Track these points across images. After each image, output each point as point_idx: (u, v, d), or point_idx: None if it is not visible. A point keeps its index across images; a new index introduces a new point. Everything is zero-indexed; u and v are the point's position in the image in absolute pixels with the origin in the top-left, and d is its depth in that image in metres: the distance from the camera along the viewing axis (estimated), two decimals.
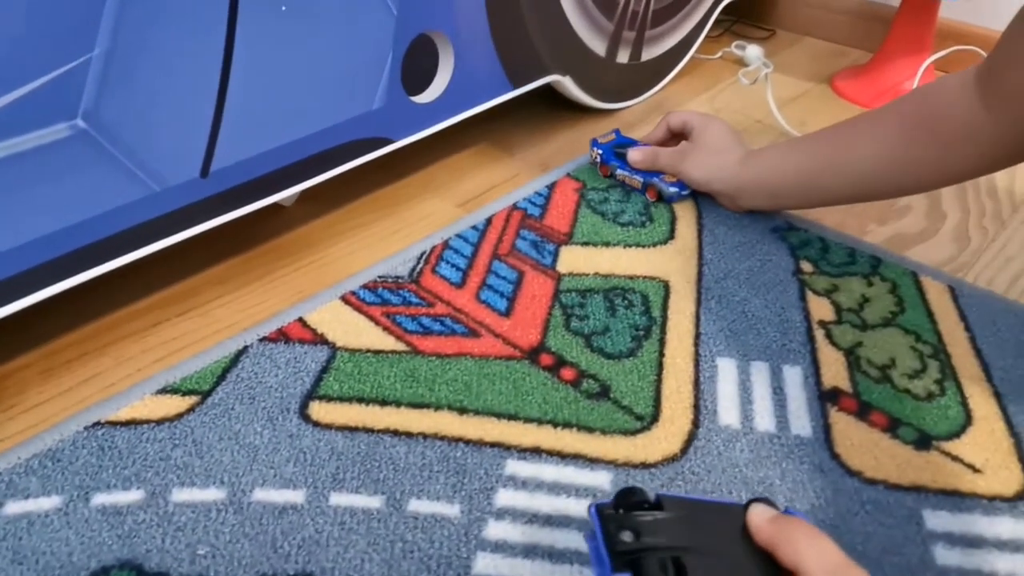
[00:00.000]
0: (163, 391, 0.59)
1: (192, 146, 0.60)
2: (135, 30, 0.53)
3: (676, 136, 0.86)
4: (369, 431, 0.57)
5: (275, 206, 0.81)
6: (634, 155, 0.84)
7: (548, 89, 0.93)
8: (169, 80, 0.57)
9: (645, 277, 0.72)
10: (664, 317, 0.68)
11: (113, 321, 0.69)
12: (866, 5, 1.20)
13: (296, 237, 0.79)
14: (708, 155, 0.80)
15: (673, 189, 0.82)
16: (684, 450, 0.55)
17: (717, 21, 1.16)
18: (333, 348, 0.64)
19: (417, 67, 0.76)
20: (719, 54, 1.19)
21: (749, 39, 1.24)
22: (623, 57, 0.99)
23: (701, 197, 0.84)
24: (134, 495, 0.52)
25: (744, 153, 0.78)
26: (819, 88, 1.11)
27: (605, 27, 0.94)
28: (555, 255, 0.75)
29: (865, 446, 0.56)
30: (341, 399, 0.59)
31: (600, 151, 0.87)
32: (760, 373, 0.62)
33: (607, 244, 0.77)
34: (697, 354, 0.64)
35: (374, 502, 0.51)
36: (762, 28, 1.30)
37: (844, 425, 0.57)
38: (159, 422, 0.57)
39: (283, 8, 0.61)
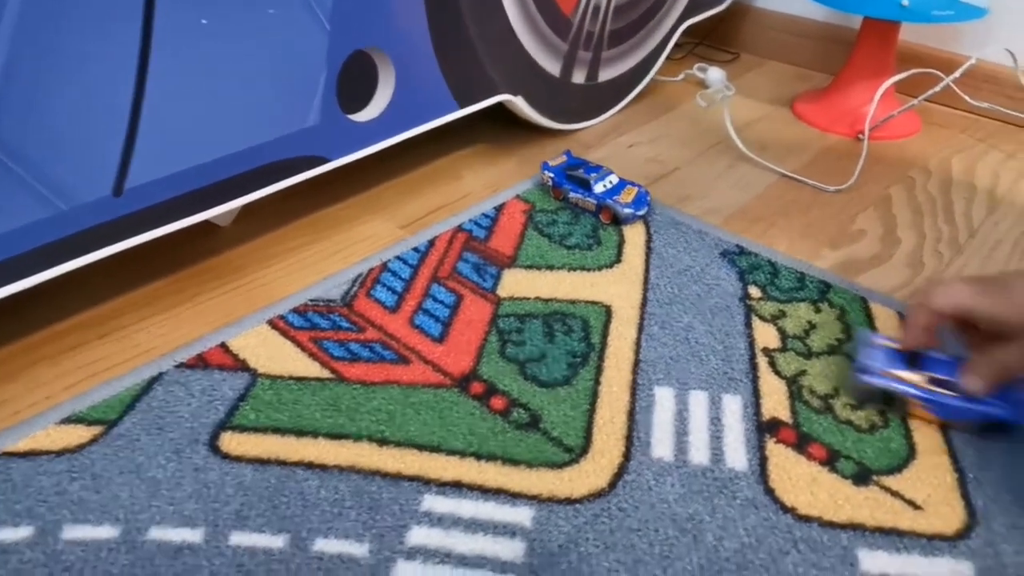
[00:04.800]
0: (68, 420, 0.56)
1: (103, 163, 0.57)
2: (37, 41, 0.51)
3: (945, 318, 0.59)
4: (282, 464, 0.54)
5: (209, 225, 0.78)
6: (972, 382, 0.56)
7: (501, 108, 0.91)
8: (76, 94, 0.54)
9: (587, 302, 0.70)
10: (603, 343, 0.65)
11: (30, 344, 0.65)
12: (829, 28, 1.19)
13: (229, 258, 0.76)
14: None
15: (628, 210, 0.80)
16: (612, 485, 0.53)
17: (680, 43, 1.15)
18: (254, 375, 0.61)
19: (359, 84, 0.74)
20: (681, 76, 1.18)
21: (713, 62, 1.23)
22: (579, 78, 0.98)
23: (652, 218, 0.82)
24: (23, 532, 0.49)
25: None
26: (780, 111, 1.09)
27: (558, 47, 0.92)
28: (497, 278, 0.73)
29: (802, 480, 0.53)
30: (256, 429, 0.56)
31: (552, 174, 0.85)
32: (699, 403, 0.59)
33: (551, 267, 0.74)
34: (635, 382, 0.61)
35: (277, 541, 0.48)
36: (726, 51, 1.29)
37: (781, 458, 0.55)
38: (59, 453, 0.54)
39: (203, 22, 0.59)
